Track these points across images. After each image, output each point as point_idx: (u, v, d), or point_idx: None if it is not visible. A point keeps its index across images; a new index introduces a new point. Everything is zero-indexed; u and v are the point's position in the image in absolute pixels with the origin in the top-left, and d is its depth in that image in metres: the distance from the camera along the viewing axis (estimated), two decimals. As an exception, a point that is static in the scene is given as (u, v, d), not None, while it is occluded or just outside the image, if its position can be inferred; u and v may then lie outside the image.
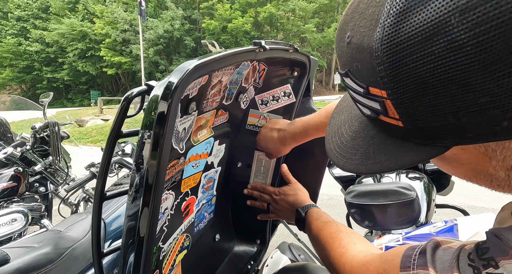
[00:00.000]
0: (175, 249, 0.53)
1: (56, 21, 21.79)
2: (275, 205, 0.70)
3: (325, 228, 0.52)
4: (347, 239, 0.46)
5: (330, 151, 0.31)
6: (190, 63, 0.33)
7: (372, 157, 0.26)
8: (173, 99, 0.31)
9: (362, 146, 0.27)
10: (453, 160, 0.26)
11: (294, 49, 0.60)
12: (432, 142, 0.22)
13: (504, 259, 0.24)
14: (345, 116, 0.32)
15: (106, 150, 0.36)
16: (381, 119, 0.24)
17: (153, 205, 0.33)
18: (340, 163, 0.29)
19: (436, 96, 0.19)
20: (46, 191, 1.77)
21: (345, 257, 0.43)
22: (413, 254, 0.31)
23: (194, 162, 0.51)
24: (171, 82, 0.31)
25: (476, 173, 0.26)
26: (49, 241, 0.95)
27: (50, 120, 1.70)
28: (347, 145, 0.29)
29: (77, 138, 8.04)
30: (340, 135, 0.31)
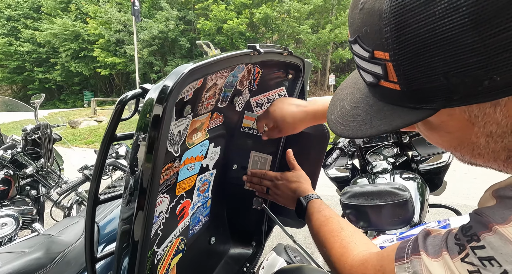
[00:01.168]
0: (170, 253, 0.53)
1: (48, 21, 21.44)
2: (276, 190, 0.69)
3: (327, 224, 0.52)
4: (348, 239, 0.47)
5: (330, 121, 0.34)
6: (185, 67, 0.33)
7: (369, 123, 0.29)
8: (168, 103, 0.31)
9: (361, 114, 0.30)
10: (441, 129, 0.28)
11: (289, 52, 0.60)
12: (423, 106, 0.25)
13: (485, 233, 0.26)
14: (348, 91, 0.35)
15: (100, 153, 0.35)
16: (381, 85, 0.27)
17: (147, 209, 0.33)
18: (338, 131, 0.32)
19: (432, 56, 0.22)
20: (37, 194, 1.73)
21: (345, 256, 0.43)
22: (406, 245, 0.33)
23: (189, 165, 0.51)
24: (166, 86, 0.31)
25: (460, 142, 0.28)
26: (41, 245, 0.93)
27: (41, 122, 1.67)
28: (347, 114, 0.32)
29: (70, 139, 7.91)
30: (342, 107, 0.34)
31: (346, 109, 0.33)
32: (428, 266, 0.29)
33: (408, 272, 0.31)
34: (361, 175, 1.46)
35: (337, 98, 0.36)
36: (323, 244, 0.49)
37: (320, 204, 0.59)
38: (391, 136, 1.59)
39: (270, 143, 0.74)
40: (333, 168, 1.59)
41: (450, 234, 0.30)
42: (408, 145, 1.53)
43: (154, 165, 0.32)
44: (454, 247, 0.28)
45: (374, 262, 0.37)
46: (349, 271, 0.41)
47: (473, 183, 3.92)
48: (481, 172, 2.72)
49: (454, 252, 0.28)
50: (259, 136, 0.73)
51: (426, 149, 1.50)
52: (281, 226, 0.75)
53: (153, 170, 0.32)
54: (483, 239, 0.26)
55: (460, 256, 0.27)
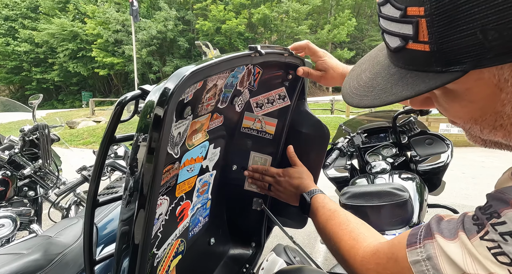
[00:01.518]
0: (170, 255, 0.52)
1: (46, 21, 21.34)
2: (278, 186, 0.69)
3: (333, 217, 0.51)
4: (356, 231, 0.46)
5: (346, 95, 0.34)
6: (186, 69, 0.33)
7: (389, 91, 0.28)
8: (169, 105, 0.30)
9: (380, 83, 0.30)
10: (464, 98, 0.27)
11: (289, 53, 0.60)
12: (452, 67, 0.24)
13: (506, 209, 0.26)
14: (366, 65, 0.34)
15: (98, 155, 0.35)
16: (408, 48, 0.26)
17: (148, 210, 0.33)
18: (354, 102, 0.31)
19: (471, 7, 0.21)
20: (35, 195, 1.72)
21: (356, 248, 0.43)
22: (418, 232, 0.33)
23: (189, 166, 0.51)
24: (167, 89, 0.31)
25: (483, 113, 0.27)
26: (39, 247, 0.92)
27: (39, 123, 1.66)
28: (365, 85, 0.31)
29: (68, 140, 7.87)
30: (359, 79, 0.33)
31: (364, 81, 0.32)
32: (444, 248, 0.29)
33: (421, 256, 0.31)
34: (360, 176, 1.47)
35: (353, 73, 0.35)
36: (331, 238, 0.49)
37: (324, 198, 0.58)
38: (390, 137, 1.60)
39: (270, 143, 0.74)
40: (332, 169, 1.59)
41: (466, 216, 0.30)
42: (407, 146, 1.53)
43: (155, 166, 0.32)
44: (472, 227, 0.28)
45: (385, 250, 0.37)
46: (360, 262, 0.41)
47: (471, 184, 3.94)
48: (480, 173, 2.75)
49: (472, 232, 0.28)
50: (259, 137, 0.73)
51: (425, 150, 1.50)
52: (281, 227, 0.75)
53: (154, 170, 0.32)
54: (504, 215, 0.26)
55: (479, 235, 0.27)
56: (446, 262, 0.29)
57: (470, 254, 0.27)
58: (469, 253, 0.27)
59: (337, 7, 23.13)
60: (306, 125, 0.74)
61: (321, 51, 0.66)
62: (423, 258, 0.31)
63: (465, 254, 0.28)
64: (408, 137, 1.53)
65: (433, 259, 0.30)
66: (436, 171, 1.42)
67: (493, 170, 4.68)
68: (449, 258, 0.28)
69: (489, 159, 5.65)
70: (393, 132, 1.56)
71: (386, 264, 0.36)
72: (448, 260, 0.29)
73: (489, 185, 1.65)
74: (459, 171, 4.55)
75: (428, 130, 1.55)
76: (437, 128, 7.13)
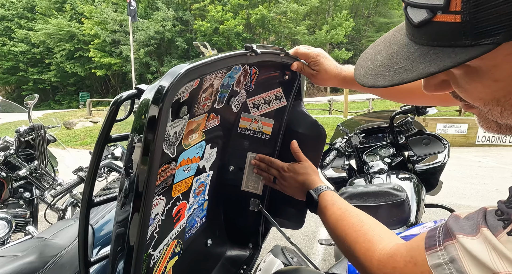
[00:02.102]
0: (166, 256, 0.52)
1: (42, 21, 21.20)
2: (283, 181, 0.67)
3: (344, 218, 0.49)
4: (371, 232, 0.44)
5: (359, 76, 0.32)
6: (181, 67, 0.33)
7: (409, 68, 0.26)
8: (164, 103, 0.30)
9: (399, 62, 0.28)
10: (488, 77, 0.26)
11: (285, 53, 0.60)
12: (483, 40, 0.22)
13: None
14: (382, 46, 0.32)
15: (94, 155, 0.35)
16: (435, 21, 0.24)
17: (143, 211, 0.32)
18: (369, 82, 0.29)
19: None
20: (31, 196, 1.71)
21: (372, 251, 0.41)
22: (436, 233, 0.32)
23: (185, 166, 0.51)
24: (162, 86, 0.31)
25: (507, 92, 0.26)
26: (34, 249, 0.91)
27: (35, 123, 1.65)
28: (381, 65, 0.29)
29: (65, 141, 7.82)
30: (374, 60, 0.31)
31: (380, 61, 0.30)
32: (467, 246, 0.28)
33: (443, 259, 0.30)
34: (358, 176, 1.47)
35: (366, 56, 0.33)
36: (343, 240, 0.47)
37: (332, 196, 0.56)
38: (387, 137, 1.60)
39: (267, 144, 0.74)
40: (330, 169, 1.60)
41: (488, 212, 0.29)
42: (404, 146, 1.54)
43: (150, 167, 0.31)
44: (497, 223, 0.27)
45: (403, 253, 0.36)
46: (377, 266, 0.39)
47: (468, 183, 3.97)
48: (476, 172, 2.76)
49: (497, 228, 0.27)
50: (256, 137, 0.73)
51: (422, 150, 1.51)
52: (278, 228, 0.75)
53: (149, 172, 0.31)
54: None
55: (506, 230, 0.26)
56: (472, 264, 0.27)
57: (496, 251, 0.26)
58: (495, 250, 0.26)
59: (335, 7, 23.23)
60: (302, 126, 0.74)
61: (313, 52, 0.66)
62: (445, 261, 0.30)
63: (491, 251, 0.26)
64: (405, 137, 1.54)
65: (457, 262, 0.28)
66: (433, 171, 1.43)
67: (489, 170, 4.72)
68: (474, 258, 0.27)
69: (485, 159, 5.69)
70: (390, 132, 1.56)
71: (404, 268, 0.35)
72: (474, 260, 0.27)
73: (486, 185, 1.68)
74: (456, 171, 4.58)
75: (425, 130, 1.56)
76: (434, 128, 7.18)
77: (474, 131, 7.24)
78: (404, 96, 0.63)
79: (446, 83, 0.31)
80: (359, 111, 10.80)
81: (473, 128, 7.24)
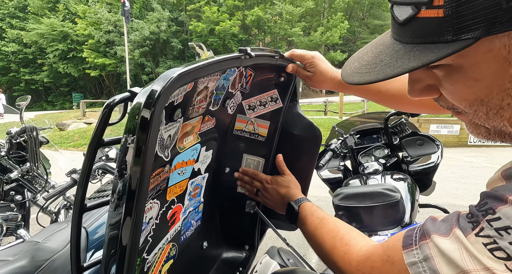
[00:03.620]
0: (161, 260, 0.51)
1: (34, 21, 20.88)
2: (265, 193, 0.69)
3: (322, 225, 0.51)
4: (347, 236, 0.46)
5: (346, 75, 0.33)
6: (174, 71, 0.33)
7: (394, 65, 0.28)
8: (156, 108, 0.30)
9: (384, 59, 0.29)
10: (469, 76, 0.27)
11: (280, 55, 0.60)
12: (463, 35, 0.24)
13: (500, 205, 0.26)
14: (368, 49, 0.33)
15: (86, 159, 0.34)
16: (419, 17, 0.25)
17: (136, 213, 0.32)
18: (355, 79, 0.31)
19: None
20: (23, 199, 1.67)
21: (349, 254, 0.42)
22: (414, 233, 0.33)
23: (180, 169, 0.50)
24: (154, 90, 0.31)
25: (489, 92, 0.27)
26: (25, 253, 0.89)
27: (27, 125, 1.62)
28: (367, 64, 0.31)
29: (58, 142, 7.71)
30: (361, 60, 0.32)
31: (366, 60, 0.31)
32: (440, 246, 0.29)
33: (418, 258, 0.31)
34: (353, 176, 1.48)
35: (353, 58, 0.35)
36: (322, 246, 0.48)
37: (312, 207, 0.58)
38: (382, 138, 1.62)
39: (262, 146, 0.74)
40: (326, 170, 1.60)
41: (461, 215, 0.30)
42: (399, 146, 1.55)
43: (143, 169, 0.31)
44: (467, 225, 0.28)
45: (380, 253, 0.37)
46: (356, 267, 0.40)
47: (460, 183, 4.03)
48: (468, 173, 2.80)
49: (467, 229, 0.28)
50: (251, 139, 0.73)
51: (416, 150, 1.53)
52: (274, 229, 0.75)
53: (142, 173, 0.31)
54: (499, 211, 0.26)
55: (474, 232, 0.27)
56: (443, 262, 0.28)
57: (466, 250, 0.27)
58: (465, 249, 0.27)
59: (330, 9, 23.43)
60: (298, 127, 0.74)
61: (308, 54, 0.67)
62: (419, 259, 0.31)
63: (462, 249, 0.28)
64: (399, 138, 1.55)
65: (430, 260, 0.30)
66: (427, 171, 1.44)
67: (481, 170, 4.80)
68: (445, 257, 0.28)
69: (477, 160, 5.79)
70: (385, 133, 1.58)
71: (382, 267, 0.36)
72: (445, 259, 0.28)
73: (478, 185, 1.71)
74: (448, 171, 4.65)
75: (419, 131, 1.58)
76: (428, 129, 7.27)
77: (466, 132, 7.34)
78: (394, 101, 0.64)
79: (430, 88, 0.32)
80: (354, 112, 10.89)
81: (465, 129, 7.35)
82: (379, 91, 0.64)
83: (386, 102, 0.66)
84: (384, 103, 0.67)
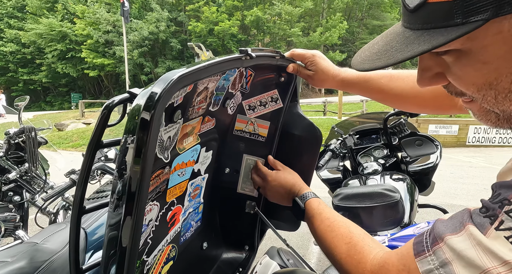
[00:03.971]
0: (161, 261, 0.51)
1: (33, 21, 20.81)
2: (268, 189, 0.68)
3: (333, 228, 0.48)
4: (361, 243, 0.44)
5: (356, 64, 0.33)
6: (174, 73, 0.32)
7: (404, 49, 0.28)
8: (156, 110, 0.30)
9: (395, 46, 0.29)
10: (478, 60, 0.27)
11: (281, 56, 0.60)
12: (472, 18, 0.24)
13: None
14: (379, 39, 0.34)
15: (85, 161, 0.34)
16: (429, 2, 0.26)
17: (136, 214, 0.32)
18: (366, 66, 0.31)
19: None
20: (21, 200, 1.66)
21: (363, 263, 0.41)
22: (423, 238, 0.32)
23: (180, 170, 0.50)
24: (154, 93, 0.30)
25: (498, 75, 0.27)
26: (24, 254, 0.89)
27: (26, 125, 1.61)
28: (378, 52, 0.31)
29: (57, 142, 7.68)
30: (372, 49, 0.33)
31: (377, 49, 0.32)
32: (454, 246, 0.28)
33: (434, 264, 0.29)
34: (352, 177, 1.48)
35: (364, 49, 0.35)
36: (333, 252, 0.46)
37: (319, 204, 0.56)
38: (381, 138, 1.62)
39: (262, 146, 0.74)
40: (325, 170, 1.60)
41: (473, 211, 0.29)
42: (398, 147, 1.56)
43: (143, 170, 0.31)
44: (484, 220, 0.27)
45: (394, 262, 0.35)
46: None
47: (459, 183, 4.04)
48: (467, 173, 2.81)
49: (485, 225, 0.27)
50: (251, 139, 0.73)
51: (415, 150, 1.53)
52: (274, 230, 0.75)
53: (142, 174, 0.31)
54: None
55: (494, 226, 0.26)
56: (461, 266, 0.27)
57: (481, 246, 0.26)
58: (480, 245, 0.26)
59: (329, 10, 23.46)
60: (298, 128, 0.74)
61: (309, 53, 0.66)
62: (436, 266, 0.29)
63: (476, 246, 0.26)
64: (398, 138, 1.56)
65: (447, 266, 0.28)
66: (426, 171, 1.44)
67: (480, 170, 4.81)
68: (463, 260, 0.27)
69: (475, 160, 5.81)
70: (384, 133, 1.58)
71: None
72: (463, 262, 0.27)
73: (476, 185, 1.71)
74: (447, 171, 4.66)
75: (418, 132, 1.58)
76: (426, 129, 7.30)
77: (465, 132, 7.39)
78: (397, 101, 0.64)
79: (439, 76, 0.32)
80: (353, 112, 10.90)
81: (463, 129, 7.38)
82: (382, 90, 0.63)
83: (389, 101, 0.66)
84: (387, 102, 0.67)
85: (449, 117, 8.43)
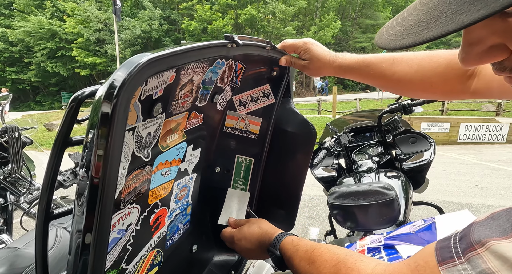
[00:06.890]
0: (144, 268, 0.47)
1: (20, 19, 20.28)
2: (240, 250, 0.60)
3: (315, 258, 0.42)
4: (351, 259, 0.38)
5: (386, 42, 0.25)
6: (142, 56, 0.27)
7: (467, 10, 0.20)
8: (119, 99, 0.25)
9: (450, 9, 0.21)
10: None
11: (272, 46, 0.57)
12: None
13: None
14: (406, 13, 0.26)
15: (51, 161, 0.30)
16: None
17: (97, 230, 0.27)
18: (407, 41, 0.23)
19: None
20: (5, 203, 1.60)
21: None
22: (450, 243, 0.27)
23: (163, 170, 0.46)
24: (115, 79, 0.26)
25: None
26: (4, 260, 0.84)
27: (8, 125, 1.54)
28: (420, 22, 0.23)
29: (46, 143, 7.51)
30: (405, 22, 0.24)
31: (417, 19, 0.23)
32: (503, 252, 0.22)
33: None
34: (347, 175, 1.46)
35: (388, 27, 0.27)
36: None
37: (292, 241, 0.49)
38: (375, 135, 1.61)
39: (254, 143, 0.71)
40: (320, 168, 1.58)
41: None
42: (392, 144, 1.55)
43: (105, 174, 0.26)
44: None
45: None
46: None
47: (451, 180, 4.09)
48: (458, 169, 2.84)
49: None
50: (243, 137, 0.69)
51: (409, 148, 1.52)
52: (267, 231, 0.72)
53: (104, 179, 0.26)
54: None
55: None
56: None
57: None
58: None
59: (322, 9, 23.57)
60: (292, 124, 0.71)
61: (300, 41, 0.62)
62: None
63: None
64: (393, 135, 1.55)
65: None
66: (420, 168, 1.44)
67: (471, 167, 4.90)
68: None
69: (466, 157, 5.91)
70: (378, 131, 1.57)
71: None
72: None
73: (468, 182, 1.72)
74: (439, 168, 4.72)
75: (412, 129, 1.57)
76: (419, 127, 7.40)
77: (456, 129, 7.53)
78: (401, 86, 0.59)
79: (496, 49, 0.24)
80: (347, 110, 10.97)
81: (455, 127, 7.53)
82: (383, 75, 0.58)
83: (391, 87, 0.61)
84: (389, 89, 0.62)
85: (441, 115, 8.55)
